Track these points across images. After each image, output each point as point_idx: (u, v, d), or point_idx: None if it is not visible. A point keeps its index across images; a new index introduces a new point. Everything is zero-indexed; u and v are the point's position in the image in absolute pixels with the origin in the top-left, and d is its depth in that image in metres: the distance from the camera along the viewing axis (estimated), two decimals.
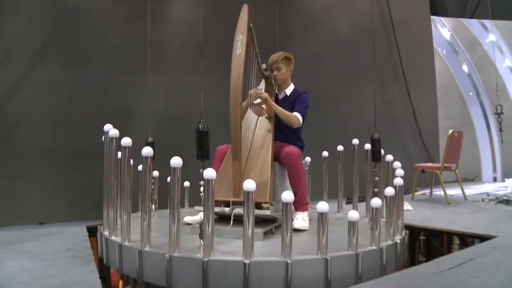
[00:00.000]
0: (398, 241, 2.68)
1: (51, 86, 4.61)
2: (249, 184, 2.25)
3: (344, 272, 2.37)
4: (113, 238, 2.72)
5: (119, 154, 2.77)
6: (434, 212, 4.66)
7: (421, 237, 4.64)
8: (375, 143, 3.55)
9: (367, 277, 2.42)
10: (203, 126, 2.85)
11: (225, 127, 3.01)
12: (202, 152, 2.76)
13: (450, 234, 4.15)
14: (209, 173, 2.29)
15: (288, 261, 2.24)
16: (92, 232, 4.03)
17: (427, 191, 6.08)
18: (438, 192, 5.83)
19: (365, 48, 6.70)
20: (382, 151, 3.39)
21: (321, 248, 2.32)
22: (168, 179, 3.39)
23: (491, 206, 5.13)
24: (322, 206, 2.30)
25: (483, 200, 5.50)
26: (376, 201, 2.50)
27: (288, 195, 2.26)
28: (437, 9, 7.95)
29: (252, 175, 2.87)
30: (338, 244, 2.52)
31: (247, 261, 2.23)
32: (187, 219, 3.23)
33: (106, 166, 2.85)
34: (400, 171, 2.86)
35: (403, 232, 2.86)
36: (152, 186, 3.44)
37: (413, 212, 4.58)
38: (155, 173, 3.82)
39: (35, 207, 4.40)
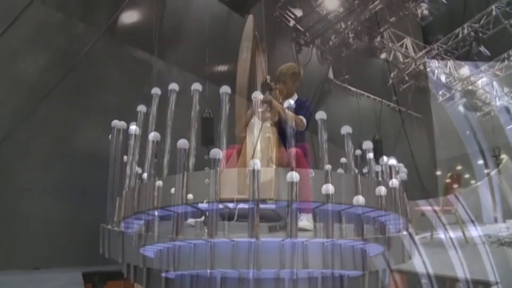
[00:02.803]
0: (405, 233, 2.65)
1: (49, 128, 4.65)
2: (255, 162, 2.27)
3: (351, 256, 2.33)
4: (115, 228, 2.69)
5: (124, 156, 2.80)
6: (436, 257, 4.54)
7: (423, 281, 4.51)
8: (377, 144, 3.58)
9: (373, 263, 2.39)
10: (207, 113, 2.90)
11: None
12: (207, 138, 2.80)
13: (452, 281, 4.05)
14: (215, 152, 2.31)
15: (295, 241, 2.21)
16: (87, 278, 3.99)
17: (427, 235, 5.96)
18: (439, 235, 5.72)
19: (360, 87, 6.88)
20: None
21: (328, 232, 2.30)
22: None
23: (493, 249, 5.03)
24: (328, 187, 2.31)
25: (484, 243, 5.40)
26: (380, 189, 2.50)
27: (293, 174, 2.27)
28: (433, 52, 8.26)
29: None
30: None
31: (253, 240, 2.20)
32: (190, 221, 3.19)
33: (112, 159, 2.87)
34: (403, 169, 2.88)
35: (408, 228, 2.83)
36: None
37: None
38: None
39: (31, 252, 4.33)
